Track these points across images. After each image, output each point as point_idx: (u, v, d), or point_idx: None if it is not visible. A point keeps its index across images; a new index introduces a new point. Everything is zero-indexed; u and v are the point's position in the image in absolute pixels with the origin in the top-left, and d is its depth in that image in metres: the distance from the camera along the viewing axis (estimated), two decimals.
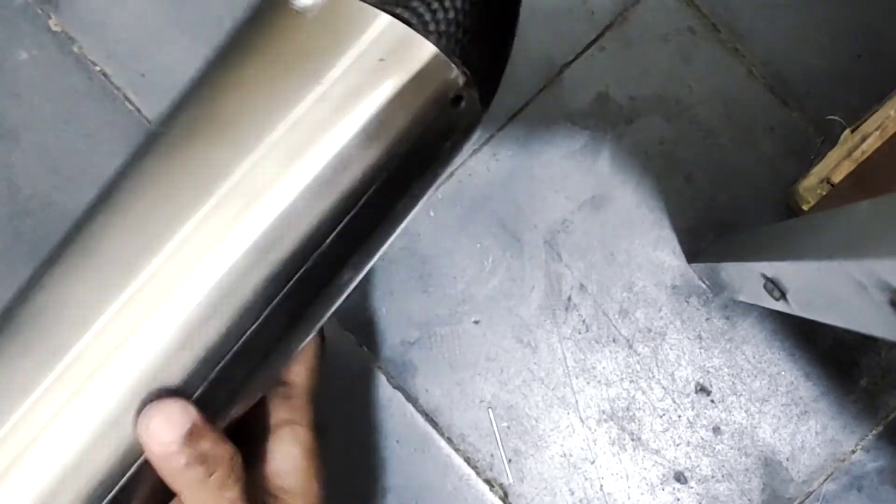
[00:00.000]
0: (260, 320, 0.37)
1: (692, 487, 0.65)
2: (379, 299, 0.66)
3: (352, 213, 0.38)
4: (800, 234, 0.45)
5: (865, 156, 0.59)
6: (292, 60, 0.37)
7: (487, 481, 0.65)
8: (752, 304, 0.64)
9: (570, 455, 0.65)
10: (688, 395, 0.65)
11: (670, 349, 0.65)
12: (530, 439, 0.65)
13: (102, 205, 0.38)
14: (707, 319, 0.66)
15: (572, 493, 0.65)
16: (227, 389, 0.38)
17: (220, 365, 0.37)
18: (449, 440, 0.65)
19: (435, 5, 0.37)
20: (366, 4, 0.36)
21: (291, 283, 0.37)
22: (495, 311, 0.66)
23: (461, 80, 0.38)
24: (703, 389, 0.65)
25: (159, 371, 0.35)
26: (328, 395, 0.66)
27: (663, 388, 0.65)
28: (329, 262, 0.38)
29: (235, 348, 0.37)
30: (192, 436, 0.35)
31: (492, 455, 0.65)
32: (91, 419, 0.35)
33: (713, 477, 0.65)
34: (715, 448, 0.65)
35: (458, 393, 0.66)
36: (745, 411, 0.65)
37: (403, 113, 0.37)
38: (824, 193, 0.60)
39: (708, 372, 0.65)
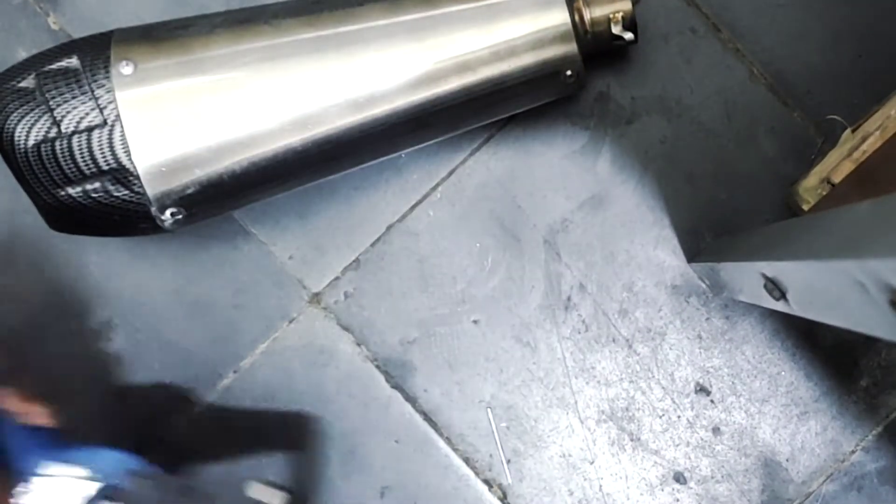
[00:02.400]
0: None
1: (692, 488, 0.64)
2: (378, 299, 0.66)
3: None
4: (800, 234, 0.44)
5: (866, 156, 0.59)
6: None
7: (486, 481, 0.65)
8: (753, 304, 0.64)
9: (570, 455, 0.65)
10: (687, 396, 0.65)
11: (670, 349, 0.65)
12: (529, 439, 0.65)
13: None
14: (707, 319, 0.65)
15: (571, 494, 0.65)
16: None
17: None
18: (448, 440, 0.65)
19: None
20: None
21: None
22: (495, 311, 0.66)
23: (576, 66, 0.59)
24: (702, 390, 0.65)
25: None
26: (327, 395, 0.66)
27: (663, 388, 0.65)
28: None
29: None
30: None
31: (491, 455, 0.65)
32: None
33: (713, 477, 0.64)
34: (714, 448, 0.65)
35: (457, 393, 0.65)
36: (745, 412, 0.65)
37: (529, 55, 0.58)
38: (824, 193, 0.60)
39: (708, 372, 0.65)
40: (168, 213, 0.56)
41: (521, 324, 0.66)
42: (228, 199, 0.59)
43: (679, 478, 0.64)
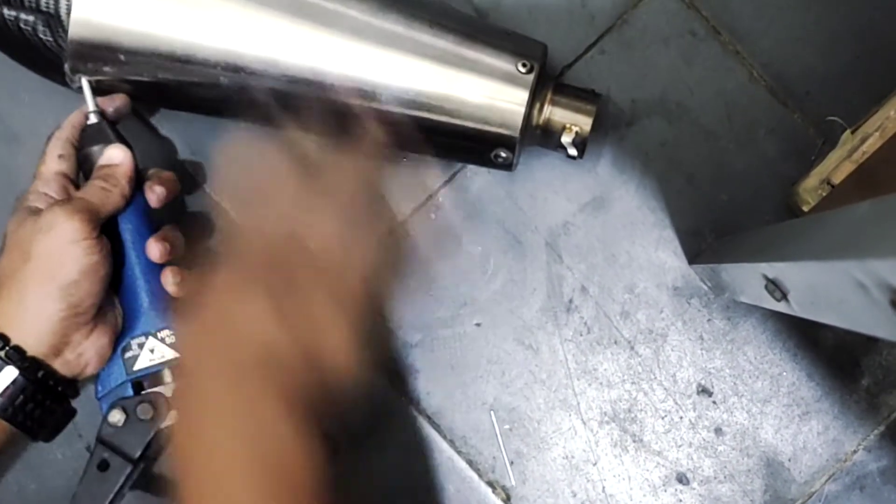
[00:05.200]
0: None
1: (694, 489, 0.65)
2: (381, 302, 0.66)
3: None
4: (801, 234, 0.45)
5: (866, 157, 0.59)
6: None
7: (490, 483, 0.65)
8: (754, 305, 0.64)
9: (573, 457, 0.65)
10: (689, 397, 0.65)
11: (672, 350, 0.66)
12: (532, 441, 0.65)
13: None
14: (709, 320, 0.66)
15: (574, 495, 0.65)
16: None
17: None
18: (451, 442, 0.65)
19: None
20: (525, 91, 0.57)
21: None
22: (497, 314, 0.66)
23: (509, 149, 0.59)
24: (704, 390, 0.65)
25: None
26: (329, 398, 0.66)
27: (665, 389, 0.65)
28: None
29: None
30: None
31: (494, 457, 0.65)
32: None
33: (715, 478, 0.65)
34: (717, 449, 0.65)
35: (459, 395, 0.66)
36: (747, 412, 0.65)
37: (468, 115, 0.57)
38: (825, 194, 0.60)
39: (710, 373, 0.65)
40: (77, 77, 0.57)
41: (523, 326, 0.66)
42: (143, 98, 0.61)
43: (682, 478, 0.65)
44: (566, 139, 0.59)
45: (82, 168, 0.58)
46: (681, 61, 0.67)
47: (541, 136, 0.60)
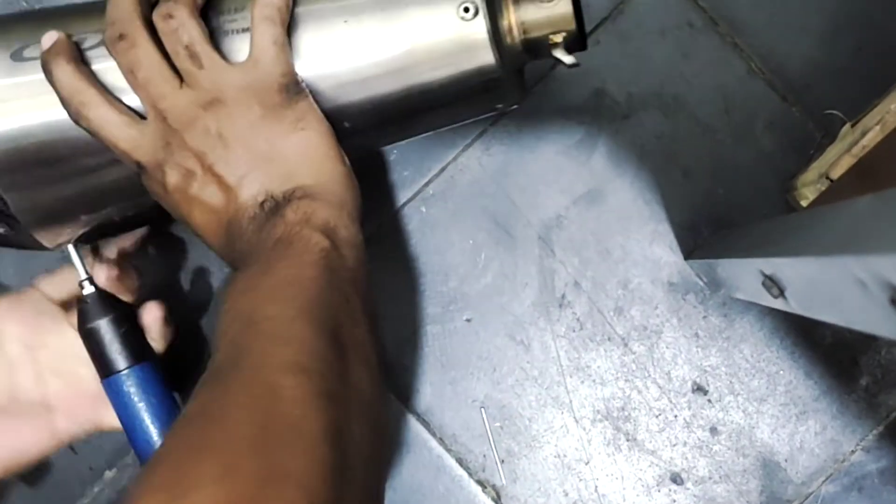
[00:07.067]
0: None
1: (689, 489, 0.64)
2: None
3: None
4: (799, 229, 0.44)
5: (866, 151, 0.59)
6: None
7: (480, 482, 0.64)
8: (751, 302, 0.63)
9: (564, 456, 0.64)
10: (684, 395, 0.64)
11: (666, 348, 0.65)
12: (523, 439, 0.65)
13: None
14: (704, 317, 0.65)
15: (566, 495, 0.64)
16: None
17: None
18: (441, 440, 0.65)
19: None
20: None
21: None
22: (488, 309, 0.65)
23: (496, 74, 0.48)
24: (699, 389, 0.65)
25: None
26: None
27: (659, 387, 0.65)
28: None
29: None
30: None
31: (484, 455, 0.65)
32: None
33: (710, 478, 0.64)
34: (712, 448, 0.64)
35: (450, 392, 0.65)
36: (743, 411, 0.64)
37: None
38: (824, 189, 0.60)
39: (705, 371, 0.65)
40: (62, 249, 0.54)
41: (514, 322, 0.65)
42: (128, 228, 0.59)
43: (676, 478, 0.64)
44: (558, 53, 0.49)
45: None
46: (678, 53, 0.66)
47: (526, 53, 0.50)
